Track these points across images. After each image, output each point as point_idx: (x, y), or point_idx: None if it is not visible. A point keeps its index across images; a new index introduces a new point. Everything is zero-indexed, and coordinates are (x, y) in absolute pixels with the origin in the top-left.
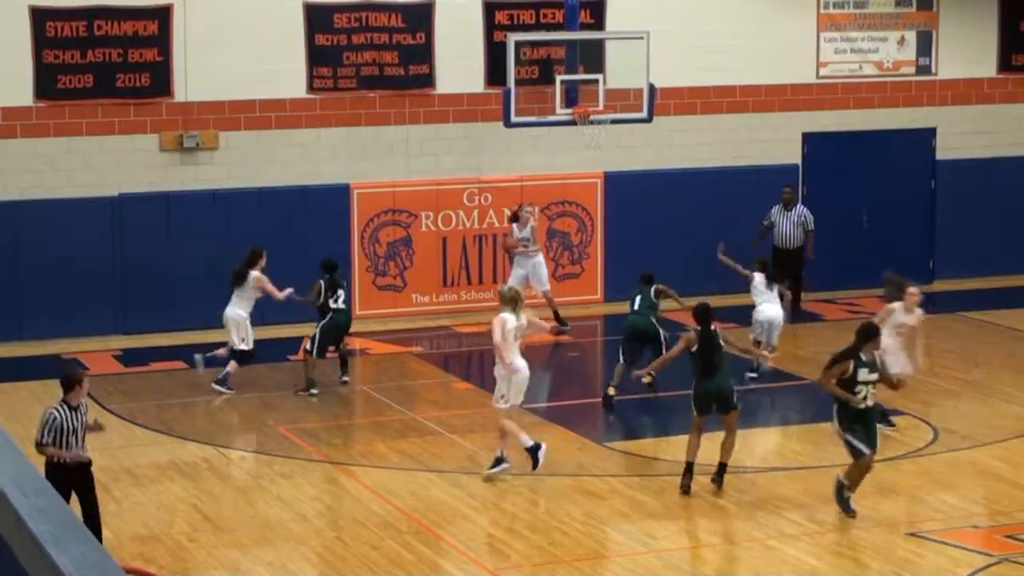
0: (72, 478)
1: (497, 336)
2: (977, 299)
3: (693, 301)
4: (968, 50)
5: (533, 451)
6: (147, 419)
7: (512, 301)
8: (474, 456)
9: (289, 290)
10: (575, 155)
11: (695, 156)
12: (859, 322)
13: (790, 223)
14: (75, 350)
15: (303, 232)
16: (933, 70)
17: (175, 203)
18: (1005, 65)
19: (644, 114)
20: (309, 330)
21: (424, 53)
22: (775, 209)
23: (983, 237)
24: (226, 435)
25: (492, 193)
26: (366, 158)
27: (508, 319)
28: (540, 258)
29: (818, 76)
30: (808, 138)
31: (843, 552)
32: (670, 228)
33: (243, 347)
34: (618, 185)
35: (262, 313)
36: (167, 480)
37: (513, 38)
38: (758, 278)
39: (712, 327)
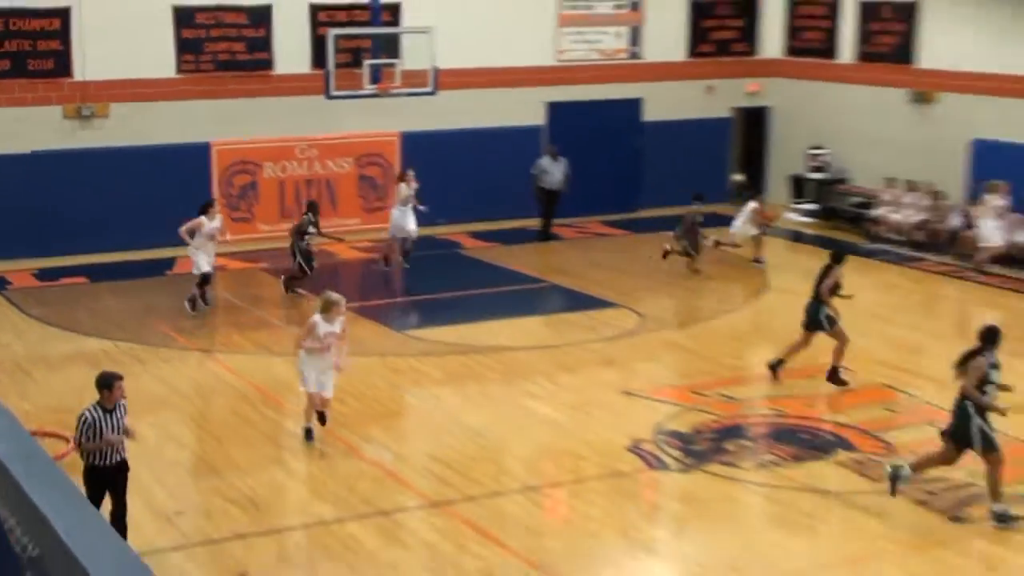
0: (107, 478)
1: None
2: (671, 223)
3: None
4: (666, 40)
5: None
6: (58, 320)
7: (327, 306)
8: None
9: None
10: (379, 119)
11: (468, 119)
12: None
13: (559, 170)
14: (2, 270)
15: (175, 180)
16: (641, 55)
17: (76, 158)
18: (693, 52)
19: (430, 89)
20: (181, 252)
21: (265, 43)
22: (545, 160)
23: (675, 177)
24: (119, 331)
25: (318, 148)
26: (222, 123)
27: (319, 323)
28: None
29: (558, 60)
30: (551, 107)
31: (577, 407)
32: (451, 174)
33: (194, 271)
34: (412, 142)
35: (152, 233)
36: (74, 366)
37: (332, 32)
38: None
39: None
